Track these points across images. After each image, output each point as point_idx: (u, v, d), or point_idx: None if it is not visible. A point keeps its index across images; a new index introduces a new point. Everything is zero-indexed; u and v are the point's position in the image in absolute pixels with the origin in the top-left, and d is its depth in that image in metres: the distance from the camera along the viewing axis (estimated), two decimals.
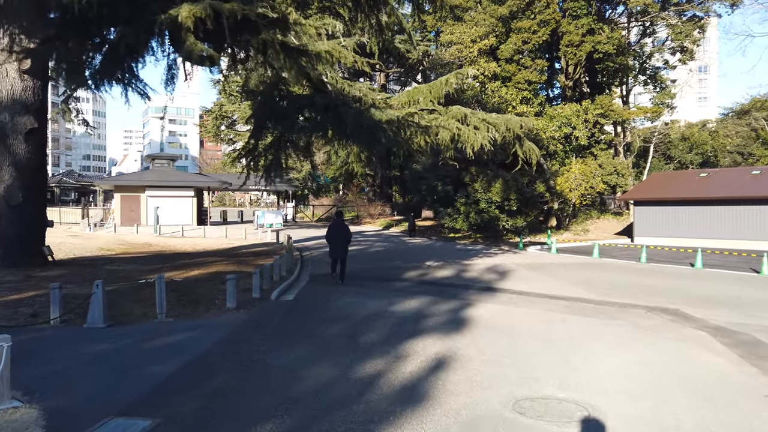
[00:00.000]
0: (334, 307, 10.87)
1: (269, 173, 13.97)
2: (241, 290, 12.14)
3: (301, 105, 13.21)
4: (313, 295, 12.37)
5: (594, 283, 14.70)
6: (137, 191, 37.19)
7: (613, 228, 37.59)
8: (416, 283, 14.32)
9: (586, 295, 12.71)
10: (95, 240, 26.10)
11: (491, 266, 18.25)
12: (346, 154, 20.12)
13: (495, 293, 12.87)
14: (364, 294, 12.50)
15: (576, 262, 20.60)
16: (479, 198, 29.97)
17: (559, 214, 36.17)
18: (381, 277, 15.47)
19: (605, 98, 35.84)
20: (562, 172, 33.67)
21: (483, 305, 11.27)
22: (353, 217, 51.09)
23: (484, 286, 13.98)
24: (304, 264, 19.50)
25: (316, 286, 13.90)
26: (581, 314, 10.52)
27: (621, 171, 35.17)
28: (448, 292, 12.86)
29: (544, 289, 13.49)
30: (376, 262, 19.70)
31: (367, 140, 13.17)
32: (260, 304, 10.97)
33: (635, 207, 31.12)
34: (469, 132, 14.20)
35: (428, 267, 17.91)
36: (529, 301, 11.91)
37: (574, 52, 33.44)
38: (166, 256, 20.11)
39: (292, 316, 10.00)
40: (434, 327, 9.19)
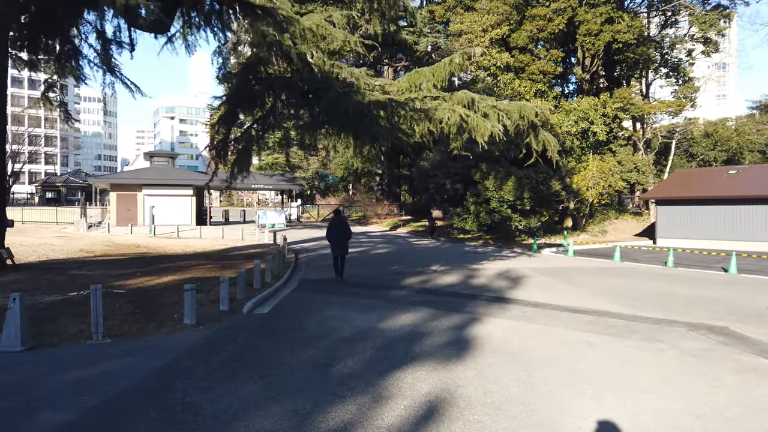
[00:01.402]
0: (314, 322, 9.13)
1: (236, 168, 12.22)
2: (210, 302, 10.48)
3: (277, 88, 11.51)
4: (294, 307, 10.65)
5: (620, 293, 12.83)
6: (134, 190, 35.79)
7: (632, 229, 35.51)
8: (416, 292, 12.54)
9: (613, 308, 10.86)
10: (81, 241, 24.64)
11: (502, 271, 16.42)
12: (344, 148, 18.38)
13: (506, 305, 11.07)
14: (353, 305, 10.75)
15: (596, 266, 18.69)
16: (490, 197, 28.08)
17: (575, 214, 34.16)
18: (377, 284, 13.71)
19: (625, 91, 33.80)
20: (578, 169, 31.69)
21: (492, 321, 9.48)
22: (360, 217, 49.38)
23: (494, 295, 12.17)
24: (297, 267, 17.82)
25: (302, 295, 12.19)
26: (610, 334, 8.69)
27: (642, 168, 33.10)
28: (451, 304, 11.08)
29: (564, 300, 11.66)
30: (376, 266, 17.95)
31: (354, 127, 11.45)
32: (227, 320, 9.27)
33: (658, 206, 29.06)
34: (477, 119, 12.40)
35: (432, 272, 16.12)
36: (547, 315, 10.09)
37: (592, 42, 31.43)
38: (147, 259, 18.53)
39: (260, 335, 8.28)
40: (430, 351, 7.42)
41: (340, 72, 12.33)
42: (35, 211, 43.99)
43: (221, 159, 11.75)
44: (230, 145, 11.45)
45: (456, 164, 31.03)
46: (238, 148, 11.94)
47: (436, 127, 12.69)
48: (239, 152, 11.98)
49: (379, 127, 11.02)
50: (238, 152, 11.96)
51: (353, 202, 54.32)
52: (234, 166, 12.17)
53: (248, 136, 12.14)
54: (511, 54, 31.78)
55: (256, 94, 11.00)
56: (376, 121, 11.12)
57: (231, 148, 11.54)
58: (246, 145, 12.04)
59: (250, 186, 45.49)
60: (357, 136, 11.77)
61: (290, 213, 46.69)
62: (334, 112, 10.99)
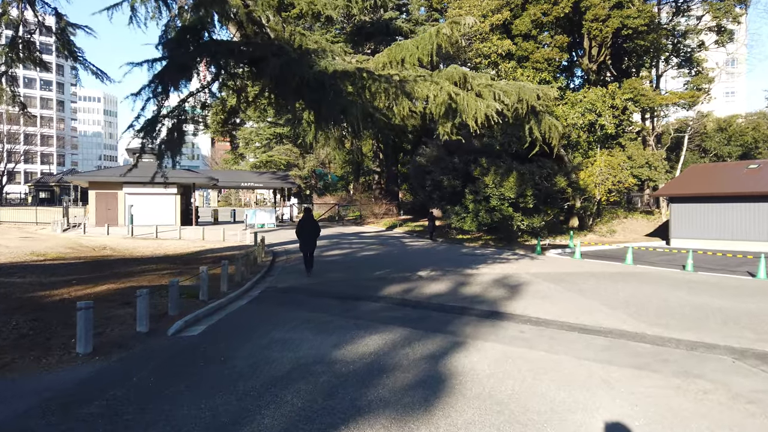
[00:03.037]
0: (249, 350, 7.09)
1: (164, 150, 10.14)
2: (135, 319, 8.44)
3: (216, 54, 9.46)
4: (235, 327, 8.60)
5: (638, 304, 10.73)
6: (114, 188, 33.82)
7: (642, 228, 33.33)
8: (394, 304, 10.47)
9: (633, 326, 8.77)
10: (44, 243, 22.68)
11: (501, 277, 14.33)
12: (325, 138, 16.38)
13: (500, 322, 8.98)
14: (311, 323, 8.69)
15: (606, 271, 16.58)
16: (490, 194, 25.98)
17: (581, 213, 32.00)
18: (351, 294, 11.65)
19: (635, 81, 31.59)
20: (585, 164, 29.53)
21: (479, 346, 7.41)
22: (356, 217, 47.34)
23: (487, 309, 10.09)
24: (269, 272, 15.81)
25: (255, 309, 10.14)
26: (634, 365, 6.61)
27: (654, 164, 30.89)
28: (433, 321, 9.01)
29: (571, 315, 9.57)
30: (358, 270, 15.89)
31: (315, 102, 9.40)
32: (139, 346, 7.23)
33: (671, 204, 26.89)
34: (468, 98, 10.31)
35: (419, 278, 14.05)
36: (550, 337, 8.01)
37: (600, 28, 29.25)
38: (102, 263, 16.54)
39: (167, 372, 6.24)
40: (388, 398, 5.37)
41: (304, 40, 10.27)
42: (17, 211, 42.10)
43: (150, 141, 9.74)
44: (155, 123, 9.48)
45: (454, 159, 28.96)
46: (168, 127, 9.94)
47: (419, 107, 10.65)
48: (169, 131, 9.95)
49: (345, 102, 8.95)
50: (167, 131, 9.94)
51: (351, 202, 52.30)
52: (162, 147, 10.13)
53: (180, 112, 10.11)
54: (513, 41, 29.62)
55: (189, 61, 8.97)
56: (342, 94, 9.06)
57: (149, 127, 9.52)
58: (177, 123, 10.01)
59: (239, 184, 43.50)
60: (318, 112, 9.72)
61: (283, 212, 44.70)
62: (285, 81, 8.94)
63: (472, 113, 10.29)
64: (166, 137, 9.97)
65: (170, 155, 10.23)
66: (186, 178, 36.41)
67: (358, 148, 24.62)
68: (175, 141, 10.01)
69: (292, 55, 9.22)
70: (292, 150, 54.86)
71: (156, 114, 9.79)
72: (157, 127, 9.79)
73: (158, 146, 10.00)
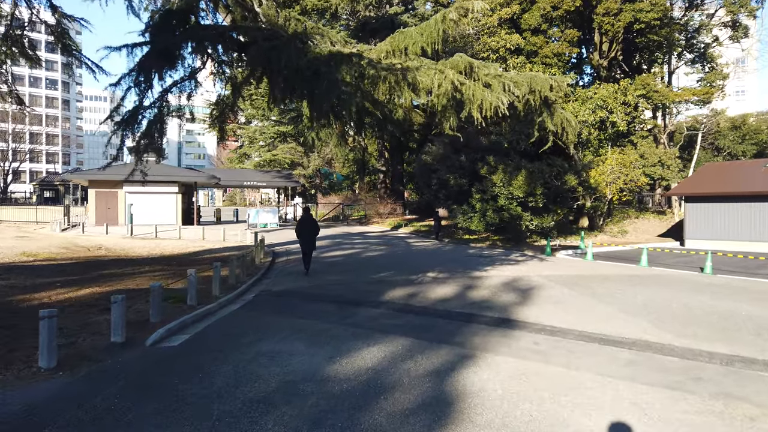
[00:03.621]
0: (233, 364, 6.35)
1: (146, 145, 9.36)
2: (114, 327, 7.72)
3: (203, 39, 8.72)
4: (222, 335, 7.87)
5: (659, 311, 9.93)
6: (114, 186, 33.24)
7: (654, 229, 32.41)
8: (396, 311, 9.71)
9: (658, 336, 7.98)
10: (39, 242, 22.08)
11: (510, 280, 13.55)
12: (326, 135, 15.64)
13: (512, 331, 8.21)
14: (304, 332, 7.95)
15: (621, 273, 15.76)
16: (498, 193, 25.17)
17: (591, 213, 31.11)
18: (350, 299, 10.90)
19: (647, 77, 30.68)
20: (596, 162, 28.64)
21: (490, 360, 6.65)
22: (361, 216, 46.59)
23: (497, 316, 9.31)
24: (267, 274, 15.09)
25: (246, 315, 9.42)
26: (665, 385, 5.83)
27: (667, 162, 29.96)
28: (438, 329, 8.25)
29: (589, 323, 8.78)
30: (360, 272, 15.14)
31: (310, 93, 8.63)
32: (111, 359, 6.51)
33: (686, 204, 25.98)
34: (475, 88, 9.54)
35: (424, 282, 13.28)
36: (568, 349, 7.23)
37: (612, 23, 28.37)
38: (95, 264, 15.89)
39: (136, 390, 5.51)
40: (386, 426, 4.62)
41: (299, 26, 9.51)
42: (18, 210, 41.60)
43: (131, 135, 9.00)
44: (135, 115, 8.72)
45: (461, 158, 28.18)
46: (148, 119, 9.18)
47: (422, 98, 9.86)
48: (149, 123, 9.17)
49: (339, 90, 8.17)
50: (148, 123, 9.16)
51: (356, 201, 51.54)
52: (141, 142, 9.37)
53: (161, 103, 9.34)
54: (522, 36, 28.77)
55: (173, 47, 8.22)
56: (336, 82, 8.28)
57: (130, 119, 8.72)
58: (159, 115, 9.24)
59: (242, 183, 42.87)
60: (312, 102, 8.95)
61: (287, 212, 44.00)
62: (275, 68, 8.19)
63: (478, 104, 9.50)
64: (145, 130, 9.21)
65: (150, 150, 9.46)
66: (187, 177, 35.81)
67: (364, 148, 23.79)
68: (155, 135, 9.25)
69: (283, 40, 8.46)
70: (297, 149, 54.17)
71: (137, 105, 9.06)
72: (138, 120, 9.05)
73: (137, 139, 9.24)
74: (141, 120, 9.20)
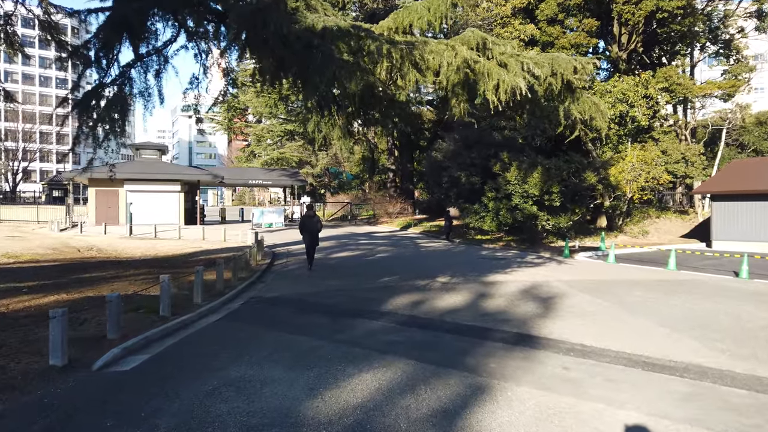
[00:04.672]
0: (192, 396, 5.10)
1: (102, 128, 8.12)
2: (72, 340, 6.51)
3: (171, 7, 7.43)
4: (188, 356, 6.62)
5: (704, 324, 8.55)
6: (115, 185, 32.20)
7: (677, 229, 30.77)
8: (398, 324, 8.41)
9: (711, 358, 6.62)
10: (31, 242, 21.08)
11: (528, 286, 12.20)
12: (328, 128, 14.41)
13: (535, 351, 6.89)
14: (289, 351, 6.69)
15: (650, 278, 14.34)
16: (512, 191, 23.78)
17: (610, 213, 29.59)
18: (348, 308, 9.63)
19: (670, 69, 29.09)
20: (616, 159, 27.11)
21: (510, 392, 5.34)
22: (369, 216, 45.31)
23: (516, 331, 7.98)
24: (262, 277, 13.88)
25: (226, 327, 8.18)
26: (739, 430, 4.49)
27: (691, 159, 28.34)
28: (446, 348, 6.95)
29: (625, 341, 7.43)
30: (362, 276, 13.87)
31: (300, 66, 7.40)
32: (41, 389, 5.28)
33: (713, 203, 24.40)
34: (489, 66, 8.24)
35: (431, 288, 11.98)
36: (607, 377, 5.90)
37: (632, 12, 26.82)
38: (78, 267, 14.78)
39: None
40: None
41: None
42: (22, 210, 40.92)
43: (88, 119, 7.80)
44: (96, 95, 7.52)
45: (472, 154, 26.80)
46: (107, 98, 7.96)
47: (429, 79, 8.58)
48: (107, 104, 7.93)
49: (335, 65, 6.90)
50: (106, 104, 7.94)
51: (366, 200, 50.26)
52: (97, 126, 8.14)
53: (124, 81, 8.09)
54: (537, 26, 27.33)
55: (135, 15, 7.00)
56: (332, 57, 7.01)
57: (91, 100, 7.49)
58: (119, 95, 8.00)
59: (247, 182, 41.80)
60: (305, 81, 7.69)
61: (293, 211, 42.86)
62: (260, 35, 6.92)
63: (493, 85, 8.19)
64: (102, 112, 7.97)
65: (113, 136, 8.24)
66: (190, 175, 34.78)
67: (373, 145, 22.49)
68: (116, 118, 8.01)
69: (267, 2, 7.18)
70: (305, 147, 53.03)
71: (96, 86, 7.86)
72: (97, 102, 7.83)
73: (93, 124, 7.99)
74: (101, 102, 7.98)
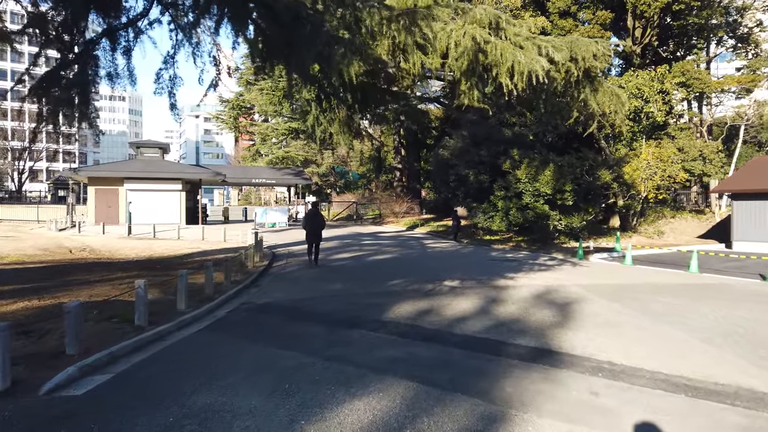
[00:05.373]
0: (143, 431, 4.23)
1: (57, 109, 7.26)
2: (24, 356, 5.65)
3: None
4: (156, 376, 5.75)
5: (746, 336, 7.57)
6: (115, 184, 31.54)
7: (693, 230, 29.66)
8: (401, 335, 7.50)
9: (762, 379, 5.66)
10: (23, 243, 20.35)
11: (543, 291, 11.25)
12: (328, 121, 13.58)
13: (557, 371, 5.95)
14: (271, 371, 5.81)
15: (672, 282, 13.35)
16: (523, 190, 22.80)
17: (623, 212, 28.52)
18: (346, 316, 8.74)
19: (687, 63, 28.01)
20: (631, 157, 26.06)
21: (531, 426, 4.43)
22: (375, 216, 44.45)
23: (533, 345, 7.04)
24: (257, 281, 13.00)
25: (205, 341, 7.30)
26: None
27: (709, 156, 27.23)
28: (455, 366, 6.04)
29: (658, 356, 6.48)
30: (364, 280, 12.96)
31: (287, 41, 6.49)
32: None
33: (734, 202, 23.31)
34: (503, 46, 7.33)
35: (439, 293, 11.06)
36: (645, 404, 4.96)
37: (648, 3, 25.77)
38: (64, 269, 13.99)
39: None
40: None
41: None
42: (24, 209, 40.37)
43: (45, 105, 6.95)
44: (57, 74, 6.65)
45: (481, 151, 25.83)
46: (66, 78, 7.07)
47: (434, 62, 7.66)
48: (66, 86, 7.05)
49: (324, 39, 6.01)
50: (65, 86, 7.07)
51: (372, 200, 49.39)
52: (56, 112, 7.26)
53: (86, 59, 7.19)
54: (549, 18, 26.34)
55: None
56: (321, 28, 6.12)
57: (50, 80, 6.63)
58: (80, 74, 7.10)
59: (251, 180, 41.01)
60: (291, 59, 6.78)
61: (297, 211, 42.04)
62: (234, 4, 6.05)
63: (507, 68, 7.26)
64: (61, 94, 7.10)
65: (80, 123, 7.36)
66: (191, 174, 34.03)
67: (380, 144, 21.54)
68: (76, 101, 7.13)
69: None
70: (310, 146, 52.20)
71: (57, 66, 7.00)
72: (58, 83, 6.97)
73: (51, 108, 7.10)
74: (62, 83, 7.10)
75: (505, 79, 7.41)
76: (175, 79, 8.14)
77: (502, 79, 7.41)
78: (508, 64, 7.34)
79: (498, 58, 7.35)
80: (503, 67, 7.32)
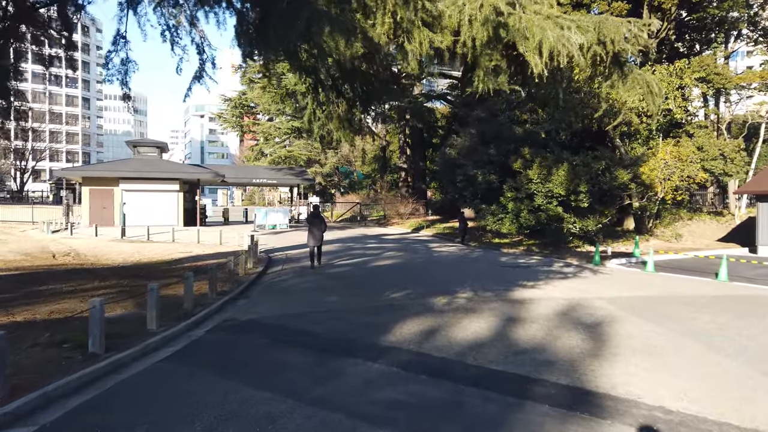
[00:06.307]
0: None
1: None
2: None
3: None
4: (88, 430, 4.55)
5: None
6: (110, 184, 30.44)
7: (712, 233, 28.29)
8: (404, 368, 6.26)
9: None
10: (9, 245, 19.30)
11: (565, 307, 9.99)
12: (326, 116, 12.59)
13: (600, 424, 4.71)
14: (236, 418, 4.61)
15: (704, 293, 12.06)
16: (534, 191, 21.53)
17: (639, 214, 27.16)
18: (339, 339, 7.52)
19: (707, 57, 26.66)
20: (648, 156, 24.71)
21: None
22: (380, 217, 43.22)
23: (564, 383, 5.80)
24: (247, 291, 11.82)
25: (168, 374, 6.11)
26: None
27: (730, 155, 25.85)
28: (468, 416, 4.81)
29: (720, 398, 5.24)
30: (364, 291, 11.74)
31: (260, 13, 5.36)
32: None
33: (760, 204, 21.97)
34: (527, 19, 6.12)
35: (447, 309, 9.82)
36: None
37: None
38: (39, 276, 12.88)
39: None
40: None
41: None
42: (22, 209, 39.33)
43: None
44: None
45: (490, 150, 24.59)
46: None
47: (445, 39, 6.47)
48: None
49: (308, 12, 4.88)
50: None
51: (377, 201, 48.20)
52: None
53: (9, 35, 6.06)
54: (562, 10, 25.02)
55: None
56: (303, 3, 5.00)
57: None
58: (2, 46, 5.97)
59: (251, 180, 39.89)
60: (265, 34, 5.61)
61: (299, 212, 40.89)
62: None
63: (536, 45, 6.04)
64: None
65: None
66: (189, 174, 32.93)
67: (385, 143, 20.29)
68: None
69: None
70: (313, 145, 51.04)
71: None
72: None
73: None
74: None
75: (533, 56, 6.18)
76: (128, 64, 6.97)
77: (530, 57, 6.18)
78: (536, 40, 6.12)
79: (522, 31, 6.13)
80: (531, 43, 6.09)
